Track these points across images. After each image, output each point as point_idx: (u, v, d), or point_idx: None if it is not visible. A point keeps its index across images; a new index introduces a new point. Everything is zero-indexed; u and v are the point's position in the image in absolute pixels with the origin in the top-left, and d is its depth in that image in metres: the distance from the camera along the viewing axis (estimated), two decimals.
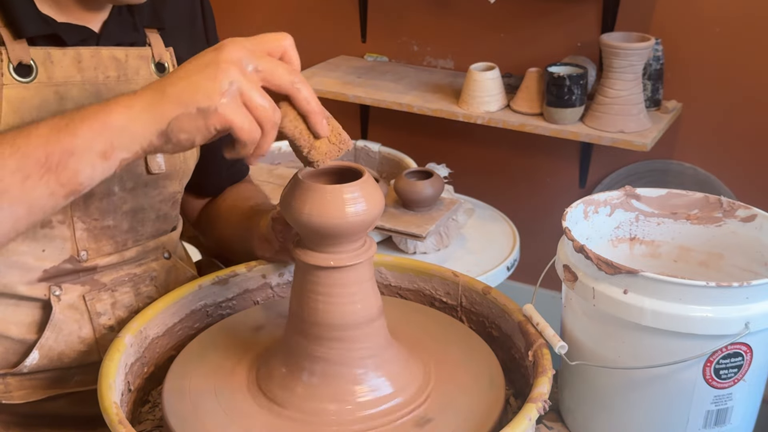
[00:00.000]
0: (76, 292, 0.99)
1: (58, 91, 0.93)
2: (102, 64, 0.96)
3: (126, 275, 1.03)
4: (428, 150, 2.60)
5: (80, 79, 0.94)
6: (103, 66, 0.96)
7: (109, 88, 0.97)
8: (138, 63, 1.00)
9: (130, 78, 0.99)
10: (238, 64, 0.71)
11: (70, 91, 0.94)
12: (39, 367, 0.99)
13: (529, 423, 0.76)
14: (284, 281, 1.06)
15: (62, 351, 0.99)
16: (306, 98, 0.76)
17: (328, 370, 0.83)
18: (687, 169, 2.37)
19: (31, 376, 1.00)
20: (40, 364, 0.98)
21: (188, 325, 1.00)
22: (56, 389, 1.01)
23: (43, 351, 0.98)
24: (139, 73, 1.00)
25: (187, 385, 0.87)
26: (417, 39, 2.63)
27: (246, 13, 2.86)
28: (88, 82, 0.95)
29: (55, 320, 0.97)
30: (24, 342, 0.98)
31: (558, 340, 0.84)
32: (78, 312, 0.99)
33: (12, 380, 0.99)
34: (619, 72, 2.06)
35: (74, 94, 0.94)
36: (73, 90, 0.94)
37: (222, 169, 1.21)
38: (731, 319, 0.79)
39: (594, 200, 0.98)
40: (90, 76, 0.95)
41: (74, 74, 0.94)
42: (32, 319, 0.98)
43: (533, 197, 2.61)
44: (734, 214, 0.95)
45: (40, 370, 0.99)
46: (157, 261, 1.08)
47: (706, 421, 0.85)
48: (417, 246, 1.93)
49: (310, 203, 0.78)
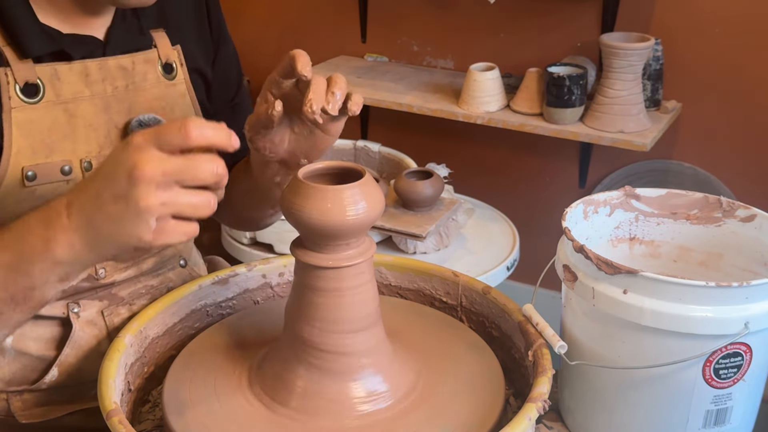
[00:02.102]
0: (94, 308, 0.99)
1: (67, 108, 0.92)
2: (110, 75, 0.96)
3: (143, 287, 1.03)
4: (428, 150, 2.60)
5: (89, 93, 0.94)
6: (111, 77, 0.96)
7: (118, 99, 0.96)
8: (145, 68, 1.00)
9: (139, 85, 0.98)
10: (154, 193, 0.67)
11: (79, 107, 0.93)
12: (57, 383, 0.99)
13: (529, 423, 0.76)
14: (284, 281, 1.06)
15: (81, 367, 0.99)
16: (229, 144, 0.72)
17: (326, 370, 0.83)
18: (687, 169, 2.37)
19: (49, 392, 1.00)
20: (59, 380, 0.99)
21: (188, 324, 1.00)
22: (74, 405, 1.01)
23: (63, 368, 0.98)
24: (146, 79, 0.99)
25: (187, 384, 0.87)
26: (417, 39, 2.63)
27: (246, 13, 2.86)
28: (97, 95, 0.95)
29: (75, 337, 0.97)
30: (43, 359, 0.98)
31: (558, 340, 0.85)
32: (97, 327, 0.99)
33: (29, 396, 0.99)
34: (619, 72, 2.06)
35: (83, 109, 0.94)
36: (82, 105, 0.93)
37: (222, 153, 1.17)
38: (731, 319, 0.79)
39: (594, 200, 0.98)
40: (98, 90, 0.95)
41: (82, 89, 0.93)
42: (51, 336, 0.98)
43: (533, 197, 2.61)
44: (734, 214, 0.95)
45: (59, 386, 0.99)
46: (174, 270, 1.08)
47: (706, 421, 0.85)
48: (417, 246, 1.93)
49: (310, 203, 0.78)
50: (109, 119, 0.96)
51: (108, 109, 0.95)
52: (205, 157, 0.69)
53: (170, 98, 1.02)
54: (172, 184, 0.68)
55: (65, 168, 0.92)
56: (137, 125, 0.96)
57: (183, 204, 0.69)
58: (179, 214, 0.70)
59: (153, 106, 1.00)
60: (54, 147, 0.92)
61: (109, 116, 0.96)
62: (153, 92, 1.00)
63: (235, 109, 1.16)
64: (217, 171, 0.69)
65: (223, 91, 1.14)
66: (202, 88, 1.09)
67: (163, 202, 0.68)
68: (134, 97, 0.98)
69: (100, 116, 0.95)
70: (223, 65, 1.13)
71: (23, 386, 0.98)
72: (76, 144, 0.94)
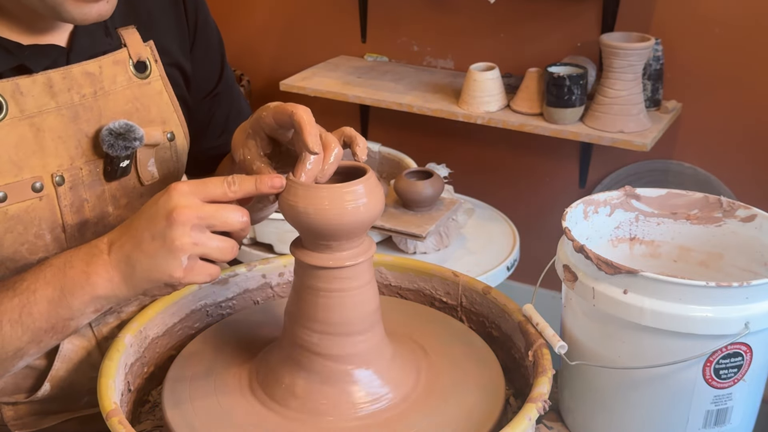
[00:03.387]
0: None
1: (33, 123, 0.89)
2: (75, 83, 0.92)
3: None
4: (428, 150, 2.60)
5: (55, 105, 0.90)
6: (77, 85, 0.92)
7: (86, 107, 0.93)
8: (114, 70, 0.95)
9: (108, 90, 0.94)
10: (189, 234, 0.76)
11: (45, 120, 0.90)
12: (50, 396, 0.98)
13: (529, 423, 0.76)
14: (284, 281, 1.06)
15: (73, 379, 0.99)
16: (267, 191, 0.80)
17: (326, 371, 0.83)
18: (687, 169, 2.37)
19: (42, 403, 0.99)
20: (51, 393, 0.98)
21: (188, 325, 1.00)
22: (66, 414, 1.01)
23: (54, 382, 0.98)
24: (116, 82, 0.95)
25: (187, 385, 0.87)
26: (417, 39, 2.63)
27: (246, 13, 2.86)
28: (64, 106, 0.91)
29: (64, 350, 0.97)
30: (34, 368, 0.98)
31: (558, 340, 0.85)
32: (86, 339, 0.99)
33: (22, 407, 0.99)
34: (619, 72, 2.06)
35: (50, 122, 0.90)
36: (48, 118, 0.90)
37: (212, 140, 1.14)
38: (731, 319, 0.79)
39: (594, 200, 0.98)
40: (65, 100, 0.91)
41: (47, 101, 0.89)
42: None
43: (533, 197, 2.61)
44: (734, 214, 0.95)
45: (51, 398, 0.99)
46: None
47: (706, 421, 0.85)
48: (417, 246, 1.93)
49: (310, 203, 0.78)
50: (78, 129, 0.92)
51: (76, 119, 0.92)
52: (234, 207, 0.78)
53: (145, 98, 0.98)
54: (204, 228, 0.77)
55: (36, 185, 0.89)
56: (107, 134, 0.92)
57: (212, 247, 0.77)
58: (207, 256, 0.78)
59: (126, 109, 0.96)
60: (22, 164, 0.88)
61: (78, 126, 0.92)
62: (125, 95, 0.96)
63: (217, 98, 1.12)
64: (243, 219, 0.78)
65: (204, 79, 1.10)
66: (180, 81, 1.05)
67: (195, 242, 0.76)
68: (104, 103, 0.94)
69: (68, 127, 0.92)
70: (201, 53, 1.08)
71: (15, 396, 0.98)
72: (46, 159, 0.90)
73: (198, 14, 1.07)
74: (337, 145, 0.81)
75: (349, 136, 0.84)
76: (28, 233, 0.90)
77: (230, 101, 1.14)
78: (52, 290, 0.80)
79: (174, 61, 1.03)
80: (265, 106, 0.85)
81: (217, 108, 1.13)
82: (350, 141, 0.83)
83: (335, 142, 0.81)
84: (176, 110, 1.02)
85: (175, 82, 1.03)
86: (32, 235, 0.91)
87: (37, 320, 0.81)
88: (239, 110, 1.16)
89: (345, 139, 0.84)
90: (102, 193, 0.95)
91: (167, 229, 0.76)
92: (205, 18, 1.09)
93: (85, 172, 0.93)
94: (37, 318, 0.81)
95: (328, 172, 0.82)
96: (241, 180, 0.78)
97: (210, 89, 1.11)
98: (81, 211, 0.94)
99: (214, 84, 1.12)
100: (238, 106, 1.16)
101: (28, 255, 0.91)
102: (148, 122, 0.98)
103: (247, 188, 0.79)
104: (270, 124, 0.84)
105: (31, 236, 0.91)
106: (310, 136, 0.78)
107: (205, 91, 1.11)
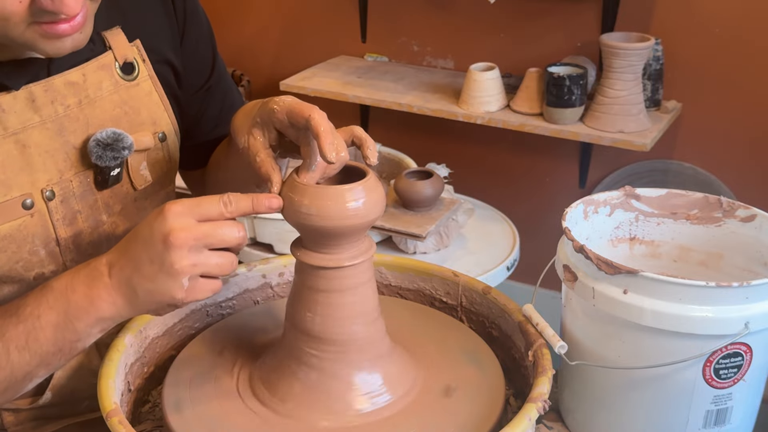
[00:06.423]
0: None
1: (18, 140, 0.87)
2: (59, 95, 0.89)
3: None
4: (428, 150, 2.60)
5: (39, 119, 0.88)
6: (61, 96, 0.89)
7: (72, 118, 0.91)
8: (99, 76, 0.93)
9: (93, 97, 0.92)
10: (186, 257, 0.75)
11: (30, 136, 0.88)
12: (51, 403, 0.98)
13: (529, 423, 0.76)
14: (284, 281, 1.06)
15: (74, 386, 0.99)
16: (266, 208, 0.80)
17: (326, 370, 0.83)
18: (687, 169, 2.37)
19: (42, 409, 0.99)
20: (52, 400, 0.98)
21: (188, 324, 1.00)
22: (67, 419, 1.01)
23: (56, 389, 0.98)
24: (102, 88, 0.93)
25: (187, 385, 0.87)
26: (417, 39, 2.63)
27: (246, 13, 2.86)
28: (48, 119, 0.89)
29: None
30: None
31: (558, 340, 0.85)
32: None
33: (24, 413, 0.99)
34: (619, 72, 2.06)
35: (36, 138, 0.88)
36: (33, 134, 0.88)
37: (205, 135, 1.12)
38: (731, 319, 0.79)
39: (594, 200, 0.98)
40: (49, 113, 0.89)
41: (31, 116, 0.88)
42: None
43: (533, 197, 2.61)
44: (734, 214, 0.95)
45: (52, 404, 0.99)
46: None
47: (706, 421, 0.85)
48: (417, 246, 1.93)
49: (310, 203, 0.78)
50: (65, 142, 0.91)
51: (62, 131, 0.90)
52: (229, 223, 0.78)
53: (134, 101, 0.96)
54: (202, 248, 0.76)
55: (26, 202, 0.88)
56: (95, 145, 0.90)
57: (211, 265, 0.77)
58: (207, 273, 0.78)
59: (114, 114, 0.94)
60: (11, 183, 0.87)
61: (64, 138, 0.90)
62: (112, 100, 0.94)
63: (210, 92, 1.09)
64: (240, 234, 0.78)
65: (196, 73, 1.07)
66: (171, 78, 1.02)
67: (194, 264, 0.76)
68: (90, 112, 0.92)
69: (54, 141, 0.90)
70: (192, 44, 1.05)
71: (16, 403, 0.98)
72: (34, 175, 0.89)
73: (187, 6, 1.03)
74: (345, 150, 0.80)
75: (359, 138, 0.82)
76: (22, 251, 0.89)
77: (223, 94, 1.11)
78: (56, 315, 0.79)
79: (163, 58, 1.01)
80: (278, 99, 0.83)
81: (210, 102, 1.10)
82: (360, 144, 0.82)
83: (344, 148, 0.80)
84: (167, 109, 1.00)
85: (164, 79, 1.00)
86: (26, 252, 0.90)
87: (43, 345, 0.80)
88: (232, 103, 1.12)
89: (354, 139, 0.82)
90: (94, 203, 0.94)
91: (165, 253, 0.75)
92: (194, 7, 1.05)
93: (75, 184, 0.92)
94: (43, 343, 0.80)
95: (331, 174, 0.82)
96: (237, 199, 0.78)
97: (202, 83, 1.08)
98: (74, 223, 0.93)
99: (206, 77, 1.08)
100: (231, 99, 1.12)
101: (23, 272, 0.91)
102: (138, 125, 0.96)
103: (243, 208, 0.78)
104: (282, 121, 0.81)
105: (26, 253, 0.90)
106: (328, 146, 0.76)
107: (197, 86, 1.07)
